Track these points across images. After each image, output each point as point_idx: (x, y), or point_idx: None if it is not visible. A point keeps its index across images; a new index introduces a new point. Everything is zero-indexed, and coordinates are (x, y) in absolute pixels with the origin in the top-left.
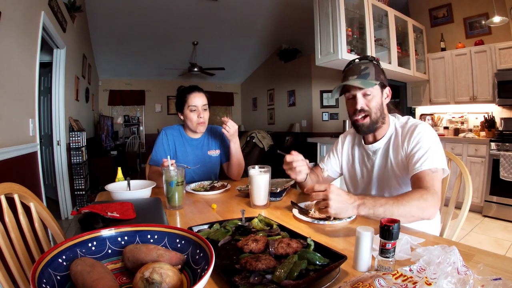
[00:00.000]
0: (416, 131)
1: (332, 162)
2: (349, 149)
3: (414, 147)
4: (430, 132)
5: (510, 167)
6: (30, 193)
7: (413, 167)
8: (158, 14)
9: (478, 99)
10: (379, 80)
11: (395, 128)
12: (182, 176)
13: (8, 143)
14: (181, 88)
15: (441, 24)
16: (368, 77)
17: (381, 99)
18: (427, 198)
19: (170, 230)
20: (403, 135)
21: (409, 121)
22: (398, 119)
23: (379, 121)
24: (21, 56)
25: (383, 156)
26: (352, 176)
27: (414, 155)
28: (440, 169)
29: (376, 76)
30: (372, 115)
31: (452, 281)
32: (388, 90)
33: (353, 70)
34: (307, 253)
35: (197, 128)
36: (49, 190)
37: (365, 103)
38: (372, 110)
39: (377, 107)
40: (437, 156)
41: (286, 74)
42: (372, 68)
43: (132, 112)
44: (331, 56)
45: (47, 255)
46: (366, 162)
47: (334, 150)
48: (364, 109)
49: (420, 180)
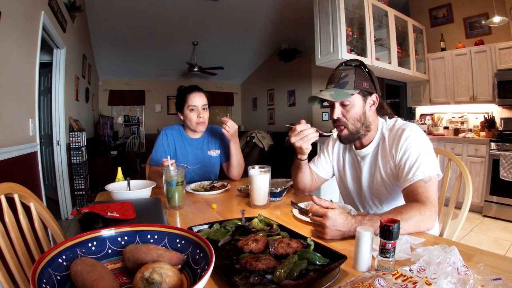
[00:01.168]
0: (403, 136)
1: (322, 162)
2: (339, 151)
3: (403, 156)
4: (418, 136)
5: (510, 167)
6: (30, 193)
7: (404, 178)
8: (158, 14)
9: (478, 99)
10: (360, 88)
11: (382, 133)
12: (182, 176)
13: (8, 143)
14: (181, 88)
15: (441, 24)
16: (346, 86)
17: (362, 108)
18: (425, 213)
19: (170, 230)
20: (390, 140)
21: (396, 123)
22: (386, 122)
23: (360, 131)
24: (21, 56)
25: (372, 162)
26: (343, 179)
27: (404, 165)
28: (434, 176)
29: (356, 84)
30: (349, 126)
31: (452, 281)
32: (374, 97)
33: (333, 77)
34: (307, 253)
35: (197, 127)
36: (49, 190)
37: (342, 113)
38: (349, 121)
39: (356, 118)
40: (428, 162)
41: (286, 74)
42: (352, 76)
43: (132, 112)
44: (331, 56)
45: (47, 255)
46: (356, 167)
47: (325, 150)
48: (340, 120)
49: (414, 193)
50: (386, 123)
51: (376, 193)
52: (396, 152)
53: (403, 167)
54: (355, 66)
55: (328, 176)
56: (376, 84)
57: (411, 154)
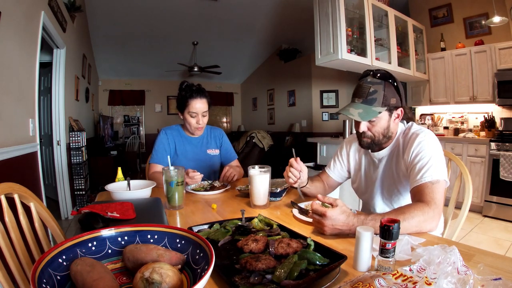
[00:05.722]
0: (416, 141)
1: (338, 166)
2: (356, 154)
3: (414, 158)
4: (431, 142)
5: (510, 167)
6: (30, 193)
7: (413, 179)
8: (158, 14)
9: (478, 99)
10: (387, 105)
11: (398, 138)
12: (182, 176)
13: (8, 143)
14: (184, 85)
15: (441, 24)
16: (375, 102)
17: (387, 122)
18: (428, 213)
19: (170, 230)
20: (404, 144)
21: (412, 128)
22: (404, 126)
23: (382, 142)
24: (21, 56)
25: (388, 164)
26: (358, 181)
27: (414, 167)
28: (442, 181)
29: (385, 100)
30: (375, 139)
31: (452, 281)
32: (400, 111)
33: (361, 90)
34: (307, 253)
35: (195, 131)
36: (49, 190)
37: (368, 128)
38: (375, 135)
39: (381, 132)
40: (438, 167)
41: (286, 74)
42: (381, 92)
43: (132, 112)
44: (331, 56)
45: (47, 255)
46: (372, 169)
47: (339, 154)
48: (366, 133)
49: (420, 193)
50: (403, 127)
51: (389, 193)
52: (409, 155)
53: (413, 168)
54: (384, 81)
55: (343, 179)
56: (402, 97)
57: (422, 157)
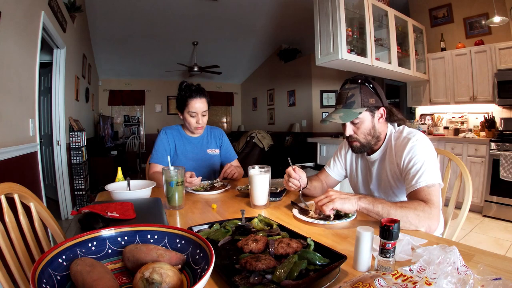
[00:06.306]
0: (408, 146)
1: (337, 166)
2: (353, 156)
3: (408, 163)
4: (423, 146)
5: (510, 167)
6: (30, 193)
7: (409, 184)
8: (158, 14)
9: (478, 99)
10: (366, 106)
11: (389, 140)
12: (182, 176)
13: (8, 143)
14: (184, 85)
15: (441, 24)
16: (354, 105)
17: (371, 122)
18: (424, 208)
19: (170, 230)
20: (396, 147)
21: (404, 132)
22: (395, 129)
23: (370, 143)
24: (21, 56)
25: (380, 166)
26: (355, 182)
27: (409, 172)
28: (437, 184)
29: (363, 102)
30: (361, 140)
31: (452, 281)
32: (382, 110)
33: (341, 97)
34: (307, 253)
35: (195, 131)
36: (49, 190)
37: (354, 130)
38: (360, 136)
39: (366, 132)
40: (432, 171)
41: (286, 74)
42: (358, 95)
43: (132, 112)
44: (331, 56)
45: (47, 255)
46: (367, 171)
47: (338, 153)
48: (352, 136)
49: (417, 197)
50: (394, 130)
51: (384, 196)
52: (401, 159)
53: (408, 174)
54: (360, 84)
55: (341, 178)
56: (382, 97)
57: (416, 162)
